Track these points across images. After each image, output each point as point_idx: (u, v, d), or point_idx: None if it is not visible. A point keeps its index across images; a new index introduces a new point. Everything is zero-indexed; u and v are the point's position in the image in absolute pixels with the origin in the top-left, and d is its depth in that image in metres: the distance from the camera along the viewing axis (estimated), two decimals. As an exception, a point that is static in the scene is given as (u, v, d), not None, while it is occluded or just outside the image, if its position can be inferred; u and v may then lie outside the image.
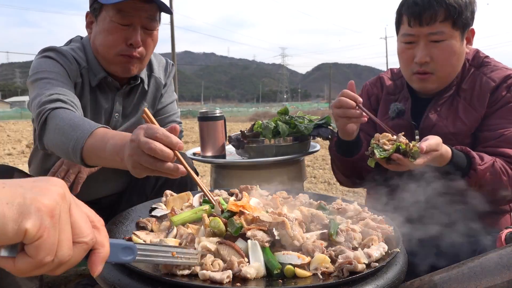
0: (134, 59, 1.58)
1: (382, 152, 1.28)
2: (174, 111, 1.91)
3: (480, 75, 1.56)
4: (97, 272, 0.59)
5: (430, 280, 1.05)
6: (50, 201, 0.51)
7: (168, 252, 0.80)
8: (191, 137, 8.87)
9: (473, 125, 1.54)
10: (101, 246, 0.59)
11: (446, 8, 1.43)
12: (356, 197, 4.05)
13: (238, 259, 0.83)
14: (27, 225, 0.48)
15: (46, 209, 0.50)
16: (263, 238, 0.88)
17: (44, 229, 0.49)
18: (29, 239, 0.49)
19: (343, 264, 0.82)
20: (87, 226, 0.56)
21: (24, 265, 0.50)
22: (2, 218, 0.47)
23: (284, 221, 0.90)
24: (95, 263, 0.58)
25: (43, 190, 0.51)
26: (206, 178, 4.90)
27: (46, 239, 0.50)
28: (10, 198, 0.48)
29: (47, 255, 0.51)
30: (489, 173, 1.39)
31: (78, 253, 0.55)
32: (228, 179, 2.00)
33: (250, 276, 0.80)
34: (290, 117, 2.04)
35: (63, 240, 0.52)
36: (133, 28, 1.54)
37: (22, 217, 0.48)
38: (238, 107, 70.54)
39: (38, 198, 0.50)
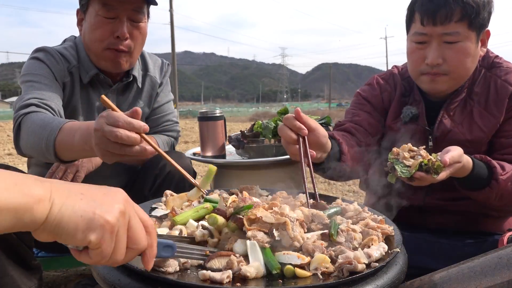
0: (123, 52, 1.59)
1: (404, 170, 1.21)
2: (170, 111, 1.92)
3: (494, 78, 1.48)
4: (149, 268, 0.72)
5: (430, 280, 1.05)
6: (112, 219, 0.63)
7: (203, 251, 0.88)
8: (191, 137, 8.87)
9: (491, 132, 1.46)
10: (150, 247, 0.71)
11: (463, 7, 1.33)
12: (356, 197, 4.05)
13: (238, 259, 0.83)
14: (91, 238, 0.61)
15: (108, 226, 0.62)
16: (263, 239, 0.88)
17: (103, 242, 0.62)
18: (91, 247, 0.62)
19: (343, 264, 0.82)
20: (142, 236, 0.69)
21: (86, 259, 0.64)
22: (75, 227, 0.60)
23: (286, 222, 0.90)
24: (147, 262, 0.71)
25: (109, 208, 0.63)
26: (206, 178, 4.90)
27: (104, 249, 0.63)
28: (84, 213, 0.61)
29: (103, 259, 0.64)
30: (510, 182, 1.33)
31: (130, 255, 0.69)
32: (228, 179, 2.01)
33: (250, 275, 0.80)
34: (290, 117, 2.04)
35: (118, 248, 0.65)
36: (119, 20, 1.56)
37: (89, 230, 0.61)
38: (238, 107, 70.55)
39: (104, 216, 0.62)
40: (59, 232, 0.59)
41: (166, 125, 1.88)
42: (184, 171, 1.11)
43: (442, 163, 1.19)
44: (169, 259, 0.83)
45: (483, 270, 0.98)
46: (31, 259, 1.49)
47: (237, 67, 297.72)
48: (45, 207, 0.58)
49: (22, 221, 0.56)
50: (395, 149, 1.26)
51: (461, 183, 1.35)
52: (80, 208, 0.61)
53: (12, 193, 0.56)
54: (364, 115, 1.63)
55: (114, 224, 0.63)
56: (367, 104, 1.66)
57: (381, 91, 1.67)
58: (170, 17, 27.01)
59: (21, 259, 1.43)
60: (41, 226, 0.58)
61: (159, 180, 1.60)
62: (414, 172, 1.20)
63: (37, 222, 0.58)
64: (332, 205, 1.20)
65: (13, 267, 1.40)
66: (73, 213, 0.60)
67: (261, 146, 1.93)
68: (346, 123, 1.61)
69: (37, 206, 0.57)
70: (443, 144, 1.31)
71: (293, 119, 1.15)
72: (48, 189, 0.59)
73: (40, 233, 0.60)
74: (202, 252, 0.87)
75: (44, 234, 0.60)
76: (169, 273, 0.81)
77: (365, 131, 1.60)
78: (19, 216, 0.56)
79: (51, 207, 0.58)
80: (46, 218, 0.58)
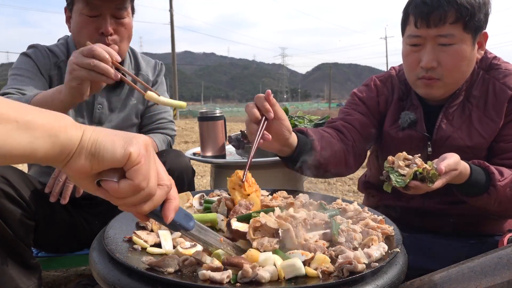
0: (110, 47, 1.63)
1: (399, 179, 1.20)
2: (165, 110, 1.93)
3: (493, 81, 1.45)
4: (170, 219, 0.72)
5: (430, 280, 1.05)
6: (145, 139, 0.66)
7: (218, 237, 0.88)
8: (191, 137, 8.86)
9: (491, 137, 1.43)
10: (173, 198, 0.73)
11: (457, 8, 1.31)
12: (356, 197, 4.05)
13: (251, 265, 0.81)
14: (131, 149, 0.62)
15: (143, 142, 0.65)
16: (271, 243, 0.88)
17: (142, 156, 0.64)
18: (130, 163, 0.63)
19: (343, 264, 0.82)
20: (166, 175, 0.71)
21: (125, 187, 0.63)
22: (112, 143, 0.62)
23: (289, 229, 0.90)
24: (169, 210, 0.72)
25: (139, 135, 0.66)
26: (206, 178, 4.90)
27: (143, 165, 0.64)
28: (116, 133, 0.64)
29: (143, 180, 0.64)
30: (509, 189, 1.30)
31: (161, 194, 0.69)
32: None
33: (265, 280, 0.79)
34: (290, 117, 2.04)
35: (152, 174, 0.66)
36: (102, 18, 1.61)
37: (127, 144, 0.63)
38: (238, 107, 70.54)
39: (136, 135, 0.65)
40: (97, 150, 0.60)
41: (160, 122, 1.89)
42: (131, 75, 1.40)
43: (438, 171, 1.17)
44: (168, 259, 0.83)
45: (483, 270, 0.98)
46: (30, 258, 1.49)
47: (237, 67, 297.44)
48: (78, 130, 0.61)
49: (59, 141, 0.58)
50: (390, 158, 1.24)
51: (459, 189, 1.34)
52: (111, 132, 0.64)
53: (46, 115, 0.59)
54: (357, 115, 1.60)
55: (147, 143, 0.66)
56: (362, 105, 1.63)
57: (378, 94, 1.64)
58: (170, 17, 27.01)
59: (19, 258, 1.43)
60: (78, 148, 0.60)
61: None
62: (409, 181, 1.19)
63: (74, 142, 0.60)
64: (332, 205, 1.21)
65: (12, 266, 1.40)
66: (106, 133, 0.63)
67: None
68: (337, 121, 1.60)
69: (70, 128, 0.60)
70: (442, 149, 1.28)
71: (264, 99, 1.17)
72: (75, 121, 0.62)
73: (77, 158, 0.60)
74: (217, 237, 0.87)
75: (81, 159, 0.60)
76: (169, 273, 0.81)
77: (355, 130, 1.57)
78: (55, 133, 0.58)
79: (84, 131, 0.61)
80: (82, 138, 0.60)
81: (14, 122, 0.55)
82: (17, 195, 1.42)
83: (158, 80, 1.92)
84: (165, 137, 1.87)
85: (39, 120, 0.57)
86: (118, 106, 1.80)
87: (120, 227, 1.05)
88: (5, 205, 1.37)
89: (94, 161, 0.61)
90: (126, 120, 1.82)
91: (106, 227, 1.02)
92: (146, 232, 1.01)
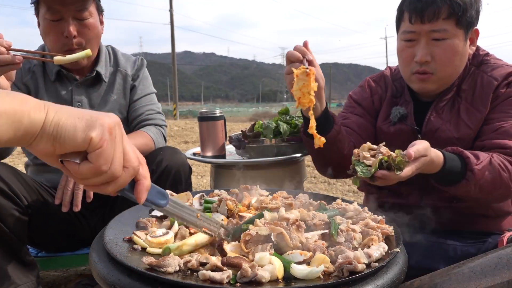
0: (76, 50, 1.65)
1: (365, 170, 1.18)
2: (152, 102, 1.93)
3: (481, 74, 1.50)
4: (142, 200, 0.72)
5: (430, 280, 1.05)
6: (110, 121, 0.64)
7: (194, 213, 0.87)
8: (191, 137, 8.86)
9: (477, 127, 1.46)
10: (143, 178, 0.71)
11: (450, 5, 1.37)
12: (356, 197, 4.05)
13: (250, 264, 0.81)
14: (92, 134, 0.61)
15: (107, 126, 0.63)
16: (264, 247, 0.88)
17: (104, 141, 0.63)
18: (92, 147, 0.62)
19: (343, 264, 0.82)
20: (135, 156, 0.69)
21: (86, 169, 0.63)
22: (74, 127, 0.61)
23: (282, 233, 0.90)
24: (141, 191, 0.71)
25: (105, 115, 0.65)
26: (206, 178, 4.90)
27: (105, 149, 0.63)
28: (80, 114, 0.63)
29: (104, 164, 0.63)
30: (487, 171, 1.30)
31: (126, 176, 0.68)
32: (228, 179, 2.00)
33: (265, 280, 0.79)
34: (290, 117, 2.04)
35: (116, 156, 0.65)
36: (65, 21, 1.62)
37: (88, 128, 0.62)
38: (238, 107, 70.51)
39: (101, 117, 0.64)
40: (59, 134, 0.60)
41: (148, 113, 1.88)
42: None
43: (407, 156, 1.16)
44: (168, 259, 0.83)
45: (483, 270, 0.98)
46: (26, 254, 1.49)
47: (237, 67, 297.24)
48: (41, 112, 0.60)
49: (21, 125, 0.58)
50: (356, 150, 1.23)
51: (436, 179, 1.33)
52: (75, 112, 0.63)
53: (9, 100, 0.58)
54: (354, 117, 1.66)
55: (113, 126, 0.65)
56: (358, 107, 1.69)
57: (371, 94, 1.69)
58: (170, 17, 27.01)
59: (14, 254, 1.43)
60: (40, 131, 0.60)
61: (155, 177, 1.60)
62: (375, 171, 1.17)
63: (36, 126, 0.59)
64: (332, 205, 1.21)
65: (6, 261, 1.40)
66: (69, 116, 0.62)
67: (262, 146, 1.93)
68: None
69: (34, 110, 0.60)
70: (431, 142, 1.28)
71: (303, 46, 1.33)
72: (42, 102, 0.62)
73: (40, 142, 0.61)
74: (194, 213, 0.86)
75: (43, 141, 0.61)
76: (169, 273, 0.81)
77: (354, 133, 1.62)
78: (18, 119, 0.58)
79: (47, 113, 0.61)
80: (44, 122, 0.60)
81: None
82: (8, 189, 1.42)
83: (139, 74, 1.92)
84: (157, 129, 1.85)
85: (2, 106, 0.57)
86: (99, 102, 1.82)
87: (120, 227, 1.06)
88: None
89: (56, 144, 0.61)
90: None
91: (106, 227, 1.02)
92: (145, 232, 1.02)
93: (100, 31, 1.75)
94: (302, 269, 0.82)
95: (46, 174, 1.74)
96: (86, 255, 1.50)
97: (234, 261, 0.81)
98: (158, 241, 0.94)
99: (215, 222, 0.92)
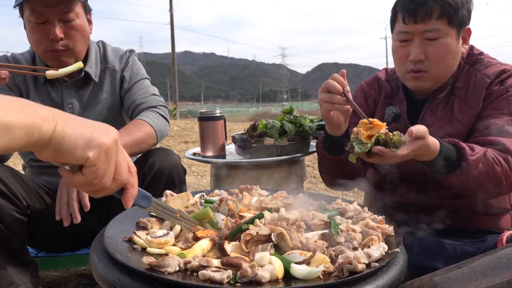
0: (62, 51, 1.63)
1: (361, 146, 1.20)
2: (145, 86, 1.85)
3: (474, 72, 1.53)
4: (128, 206, 0.82)
5: (430, 280, 1.05)
6: (108, 141, 0.71)
7: (174, 213, 0.99)
8: (191, 137, 8.87)
9: (470, 123, 1.50)
10: (131, 187, 0.80)
11: (441, 5, 1.41)
12: (356, 197, 4.05)
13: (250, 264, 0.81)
14: (89, 154, 0.68)
15: (105, 146, 0.70)
16: (265, 248, 0.88)
17: (99, 161, 0.70)
18: (88, 164, 0.70)
19: (343, 264, 0.82)
20: (125, 171, 0.77)
21: (79, 180, 0.72)
22: (75, 145, 0.67)
23: (282, 233, 0.90)
24: (127, 199, 0.80)
25: (105, 133, 0.71)
26: (206, 178, 4.90)
27: (99, 168, 0.70)
28: (84, 132, 0.69)
29: (95, 179, 0.71)
30: (481, 163, 1.32)
31: (114, 187, 0.77)
32: (228, 179, 2.00)
33: (265, 280, 0.79)
34: (294, 116, 2.04)
35: (108, 172, 0.73)
36: (50, 23, 1.58)
37: (88, 148, 0.68)
38: (238, 107, 70.50)
39: (101, 137, 0.70)
40: (61, 148, 0.67)
41: (142, 97, 1.81)
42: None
43: (408, 133, 1.19)
44: (168, 259, 0.83)
45: (483, 270, 0.98)
46: (25, 254, 1.48)
47: (237, 67, 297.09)
48: (51, 125, 0.66)
49: (32, 138, 0.64)
50: (355, 129, 1.26)
51: (431, 166, 1.35)
52: (80, 128, 0.69)
53: (23, 114, 0.63)
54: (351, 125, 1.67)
55: (110, 146, 0.71)
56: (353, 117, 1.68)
57: (366, 98, 1.73)
58: (170, 17, 27.00)
59: (13, 254, 1.43)
60: (47, 143, 0.66)
61: (148, 179, 1.58)
62: (371, 146, 1.18)
63: (45, 139, 0.65)
64: (332, 205, 1.21)
65: (5, 262, 1.39)
66: (73, 131, 0.68)
67: (264, 146, 1.93)
68: None
69: (44, 124, 0.65)
70: None
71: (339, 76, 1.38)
72: (51, 111, 0.67)
73: (45, 151, 0.67)
74: (173, 214, 0.98)
75: (48, 152, 0.67)
76: (169, 273, 0.81)
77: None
78: (30, 132, 0.63)
79: (55, 126, 0.66)
80: (52, 135, 0.66)
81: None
82: (7, 190, 1.42)
83: (127, 64, 1.86)
84: (153, 112, 1.76)
85: (17, 120, 0.62)
86: (90, 103, 1.78)
87: (120, 227, 1.06)
88: None
89: (57, 155, 0.68)
90: (100, 115, 1.79)
91: (106, 227, 1.03)
92: (146, 232, 1.02)
93: (88, 31, 1.72)
94: (302, 269, 0.82)
95: (43, 176, 1.74)
96: (86, 255, 1.50)
97: (234, 261, 0.81)
98: (158, 241, 0.94)
99: (192, 221, 1.02)
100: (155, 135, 1.68)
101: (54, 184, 1.55)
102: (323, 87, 1.38)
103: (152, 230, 1.02)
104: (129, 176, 0.79)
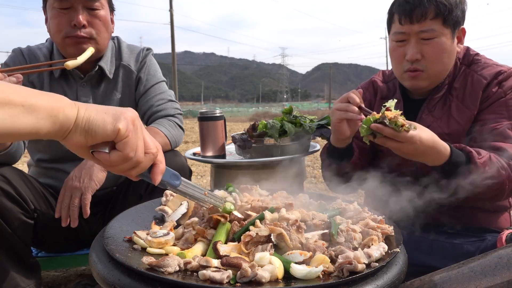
0: (84, 39, 1.60)
1: (362, 129, 1.26)
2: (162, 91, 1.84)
3: (471, 73, 1.56)
4: (157, 181, 0.84)
5: (430, 280, 1.05)
6: (132, 114, 0.76)
7: (202, 191, 1.01)
8: (191, 137, 8.87)
9: (467, 124, 1.53)
10: (160, 162, 0.84)
11: (436, 5, 1.45)
12: (356, 197, 4.05)
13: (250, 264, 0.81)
14: (120, 126, 0.72)
15: (130, 118, 0.75)
16: (264, 248, 0.88)
17: (130, 131, 0.74)
18: (120, 137, 0.73)
19: (343, 264, 0.82)
20: (153, 144, 0.81)
21: (116, 157, 0.75)
22: (103, 121, 0.72)
23: (282, 234, 0.90)
24: (156, 173, 0.83)
25: (125, 110, 0.76)
26: (206, 178, 4.90)
27: (131, 138, 0.74)
28: (106, 110, 0.74)
29: (131, 151, 0.75)
30: (487, 166, 1.36)
31: (147, 160, 0.80)
32: (228, 179, 2.00)
33: (265, 280, 0.79)
34: (294, 116, 2.04)
35: (139, 144, 0.77)
36: (74, 9, 1.57)
37: (116, 121, 0.73)
38: (238, 107, 70.51)
39: (124, 111, 0.75)
40: (90, 128, 0.71)
41: (158, 104, 1.80)
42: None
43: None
44: (168, 259, 0.83)
45: (483, 270, 0.98)
46: (29, 257, 1.48)
47: (237, 67, 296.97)
48: (74, 108, 0.70)
49: (58, 120, 0.68)
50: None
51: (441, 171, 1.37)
52: (101, 108, 0.73)
53: (46, 97, 0.67)
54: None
55: (134, 117, 0.76)
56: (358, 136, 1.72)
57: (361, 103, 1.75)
58: (170, 17, 27.00)
59: (19, 257, 1.43)
60: (74, 126, 0.70)
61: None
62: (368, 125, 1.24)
63: (70, 120, 0.69)
64: (332, 205, 1.21)
65: (11, 264, 1.40)
66: (97, 112, 0.72)
67: (264, 146, 1.93)
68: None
69: (67, 108, 0.69)
70: None
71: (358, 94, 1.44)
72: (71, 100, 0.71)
73: (74, 135, 0.71)
74: (202, 191, 1.01)
75: (77, 135, 0.71)
76: (169, 273, 0.81)
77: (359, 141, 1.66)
78: (55, 114, 0.67)
79: (78, 110, 0.71)
80: (77, 117, 0.70)
81: (21, 106, 0.63)
82: (15, 193, 1.41)
83: (143, 64, 1.84)
84: (169, 121, 1.76)
85: (41, 102, 0.66)
86: (104, 102, 1.76)
87: (120, 227, 1.06)
88: (4, 203, 1.37)
89: (88, 137, 0.71)
90: None
91: (106, 227, 1.02)
92: (146, 232, 1.02)
93: (111, 26, 1.70)
94: (301, 269, 0.82)
95: (46, 178, 1.74)
96: (86, 255, 1.50)
97: (234, 261, 0.81)
98: (158, 241, 0.94)
99: (219, 198, 1.06)
100: (170, 145, 1.70)
101: (56, 189, 1.55)
102: (343, 97, 1.45)
103: (152, 230, 1.02)
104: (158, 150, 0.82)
